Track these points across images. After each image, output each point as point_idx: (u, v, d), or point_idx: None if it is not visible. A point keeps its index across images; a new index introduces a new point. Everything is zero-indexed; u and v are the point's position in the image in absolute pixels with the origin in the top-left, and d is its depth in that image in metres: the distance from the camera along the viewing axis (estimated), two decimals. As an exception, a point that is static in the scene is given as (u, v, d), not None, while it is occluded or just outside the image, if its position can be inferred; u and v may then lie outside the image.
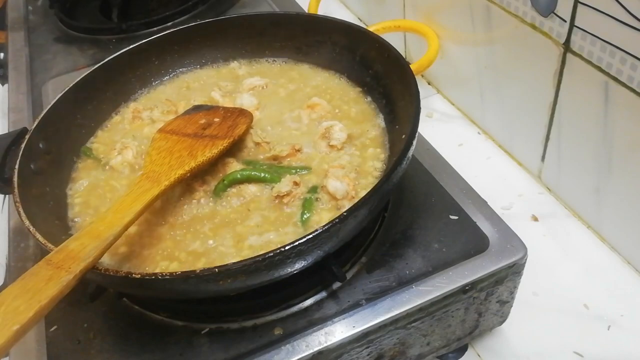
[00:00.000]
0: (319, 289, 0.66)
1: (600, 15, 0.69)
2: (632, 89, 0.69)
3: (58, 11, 1.33)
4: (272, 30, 0.91)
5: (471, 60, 1.00)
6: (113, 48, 1.17)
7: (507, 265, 0.66)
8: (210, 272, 0.53)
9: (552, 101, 0.84)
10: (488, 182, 0.82)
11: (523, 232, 0.69)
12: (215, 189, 0.71)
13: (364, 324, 0.62)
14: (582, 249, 0.85)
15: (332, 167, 0.71)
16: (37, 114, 0.89)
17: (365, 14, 1.37)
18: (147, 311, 0.67)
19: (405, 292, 0.64)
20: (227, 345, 0.63)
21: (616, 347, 0.74)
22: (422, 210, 0.73)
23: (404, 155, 0.62)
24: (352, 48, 0.85)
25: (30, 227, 0.61)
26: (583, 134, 0.80)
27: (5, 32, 1.34)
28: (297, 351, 0.61)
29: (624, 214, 0.80)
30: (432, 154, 0.80)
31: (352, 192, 0.68)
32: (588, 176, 0.83)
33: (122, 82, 0.89)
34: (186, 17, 1.24)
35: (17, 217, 0.63)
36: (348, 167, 0.72)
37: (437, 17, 1.05)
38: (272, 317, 0.64)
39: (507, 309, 0.74)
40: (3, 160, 0.72)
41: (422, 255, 0.68)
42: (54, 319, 0.68)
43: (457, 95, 1.12)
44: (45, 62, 1.19)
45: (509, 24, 0.86)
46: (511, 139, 1.00)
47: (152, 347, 0.64)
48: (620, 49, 0.69)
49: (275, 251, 0.53)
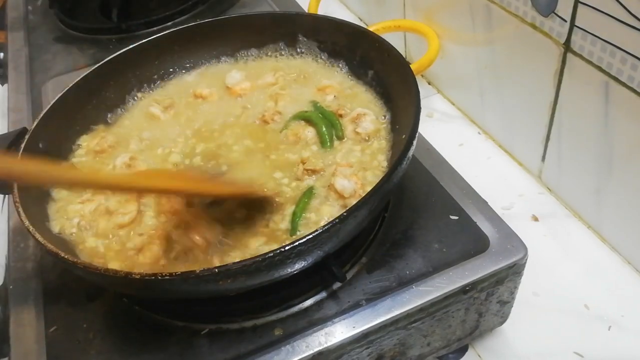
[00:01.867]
0: (319, 289, 0.66)
1: (601, 15, 0.69)
2: (633, 89, 0.69)
3: (58, 11, 1.32)
4: (272, 30, 0.91)
5: (471, 60, 1.00)
6: (113, 48, 1.17)
7: (507, 265, 0.66)
8: (210, 272, 0.53)
9: (552, 101, 0.84)
10: (488, 182, 0.82)
11: (523, 232, 0.69)
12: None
13: (364, 325, 0.62)
14: (583, 249, 0.85)
15: (340, 166, 0.71)
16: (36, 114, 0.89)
17: (365, 14, 1.37)
18: (147, 311, 0.67)
19: (406, 292, 0.64)
20: (227, 346, 0.62)
21: (616, 347, 0.74)
22: (422, 211, 0.73)
23: (404, 155, 0.62)
24: (352, 48, 0.84)
25: (30, 227, 0.61)
26: (583, 134, 0.80)
27: (5, 32, 1.34)
28: (297, 352, 0.61)
29: (624, 214, 0.80)
30: (432, 154, 0.80)
31: (359, 191, 0.68)
32: (588, 176, 0.83)
33: (122, 82, 0.89)
34: (186, 17, 1.24)
35: (16, 217, 0.63)
36: (356, 166, 0.72)
37: (437, 17, 1.05)
38: (272, 317, 0.64)
39: (507, 309, 0.74)
40: (3, 160, 0.72)
41: (422, 255, 0.68)
42: (53, 319, 0.68)
43: (457, 95, 1.12)
44: (45, 62, 1.19)
45: (509, 24, 0.86)
46: (511, 139, 1.00)
47: (152, 347, 0.64)
48: (621, 48, 0.69)
49: (275, 251, 0.53)
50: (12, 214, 0.82)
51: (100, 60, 0.86)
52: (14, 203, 0.64)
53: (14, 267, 0.75)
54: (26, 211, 0.63)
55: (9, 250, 0.78)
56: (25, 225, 0.61)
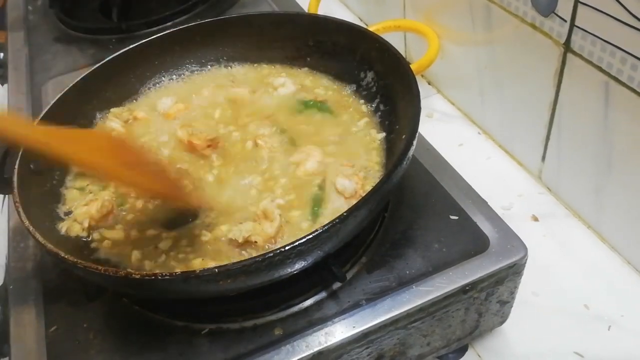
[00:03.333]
0: (319, 289, 0.66)
1: (601, 15, 0.69)
2: (633, 89, 0.69)
3: (58, 11, 1.32)
4: (272, 30, 0.90)
5: (471, 60, 1.00)
6: (113, 48, 1.17)
7: (507, 265, 0.66)
8: (210, 273, 0.53)
9: (552, 101, 0.84)
10: (488, 182, 0.82)
11: (523, 232, 0.69)
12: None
13: (364, 324, 0.62)
14: (582, 249, 0.85)
15: (342, 166, 0.71)
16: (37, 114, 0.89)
17: (365, 14, 1.37)
18: (147, 311, 0.67)
19: (406, 292, 0.64)
20: (227, 346, 0.63)
21: (616, 347, 0.74)
22: (422, 211, 0.73)
23: (404, 156, 0.62)
24: (352, 48, 0.84)
25: (30, 227, 0.61)
26: (583, 134, 0.80)
27: (5, 32, 1.34)
28: (297, 351, 0.61)
29: (624, 214, 0.80)
30: (432, 154, 0.80)
31: (360, 191, 0.68)
32: (588, 176, 0.83)
33: (122, 82, 0.89)
34: (186, 17, 1.24)
35: (16, 217, 0.63)
36: (357, 166, 0.72)
37: (437, 17, 1.05)
38: (272, 317, 0.64)
39: (507, 309, 0.74)
40: (3, 160, 0.72)
41: (422, 255, 0.68)
42: (53, 319, 0.68)
43: (457, 95, 1.12)
44: (45, 62, 1.19)
45: (509, 24, 0.86)
46: (511, 139, 1.00)
47: (152, 347, 0.64)
48: (621, 48, 0.69)
49: (275, 251, 0.53)
50: (12, 214, 0.82)
51: (101, 60, 0.86)
52: (14, 203, 0.64)
53: (14, 267, 0.75)
54: (26, 211, 0.63)
55: (9, 250, 0.78)
56: (25, 225, 0.61)
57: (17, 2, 1.44)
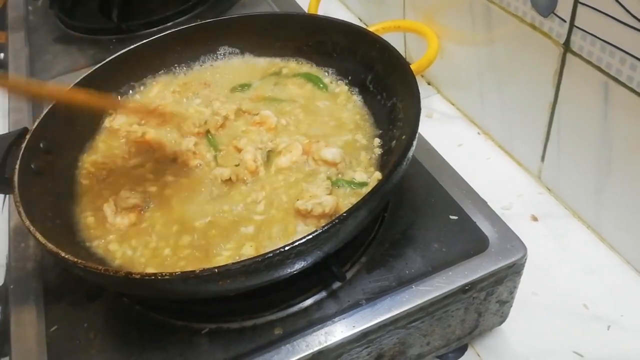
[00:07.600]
0: (319, 288, 0.66)
1: (600, 16, 0.69)
2: (632, 89, 0.69)
3: (58, 11, 1.32)
4: (272, 30, 0.91)
5: (471, 60, 1.00)
6: (113, 48, 1.17)
7: (507, 265, 0.66)
8: (209, 273, 0.53)
9: (552, 101, 0.84)
10: (488, 182, 0.82)
11: (523, 232, 0.69)
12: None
13: (364, 324, 0.62)
14: (582, 249, 0.85)
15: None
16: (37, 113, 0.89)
17: (365, 14, 1.37)
18: (148, 311, 0.67)
19: (405, 292, 0.64)
20: (227, 345, 0.63)
21: (616, 347, 0.74)
22: (422, 211, 0.73)
23: (404, 156, 0.62)
24: (352, 48, 0.85)
25: (31, 227, 0.61)
26: (583, 134, 0.81)
27: (6, 32, 1.34)
28: (297, 351, 0.61)
29: (624, 214, 0.80)
30: (432, 154, 0.80)
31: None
32: (588, 176, 0.83)
33: (122, 82, 0.89)
34: (186, 17, 1.24)
35: (17, 217, 0.63)
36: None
37: (437, 17, 1.05)
38: (272, 317, 0.64)
39: (506, 309, 0.74)
40: (3, 160, 0.72)
41: (422, 255, 0.68)
42: (54, 319, 0.68)
43: (457, 95, 1.12)
44: (45, 62, 1.19)
45: (509, 24, 0.86)
46: (511, 139, 1.00)
47: (152, 347, 0.64)
48: (620, 49, 0.69)
49: (275, 251, 0.54)
50: (13, 214, 0.82)
51: (101, 60, 0.86)
52: (14, 203, 0.64)
53: (15, 267, 0.75)
54: (27, 211, 0.63)
55: (9, 250, 0.78)
56: (26, 225, 0.61)
57: (17, 3, 1.45)
